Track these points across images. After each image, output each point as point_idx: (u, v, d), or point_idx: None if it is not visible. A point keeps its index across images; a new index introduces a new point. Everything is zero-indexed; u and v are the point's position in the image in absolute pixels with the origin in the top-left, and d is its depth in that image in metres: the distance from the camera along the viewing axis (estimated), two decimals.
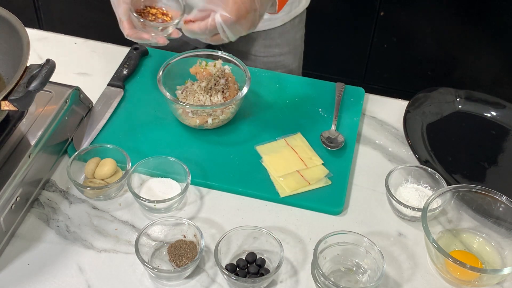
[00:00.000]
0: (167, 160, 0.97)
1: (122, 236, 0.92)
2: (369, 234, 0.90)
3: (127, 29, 0.98)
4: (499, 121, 1.13)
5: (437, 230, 0.93)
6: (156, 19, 0.98)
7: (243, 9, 0.89)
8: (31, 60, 0.88)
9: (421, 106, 1.13)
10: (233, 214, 0.96)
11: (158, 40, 0.99)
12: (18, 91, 0.83)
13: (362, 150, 1.08)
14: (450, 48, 2.12)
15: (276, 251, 0.87)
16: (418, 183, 1.00)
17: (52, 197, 0.97)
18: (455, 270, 0.86)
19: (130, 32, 0.98)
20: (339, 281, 0.86)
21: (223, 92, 1.07)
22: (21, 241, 0.90)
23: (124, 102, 1.13)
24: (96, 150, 1.00)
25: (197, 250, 0.87)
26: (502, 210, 0.91)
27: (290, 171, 1.01)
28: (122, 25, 0.98)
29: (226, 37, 0.93)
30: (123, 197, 0.98)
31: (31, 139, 0.94)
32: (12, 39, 0.91)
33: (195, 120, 1.05)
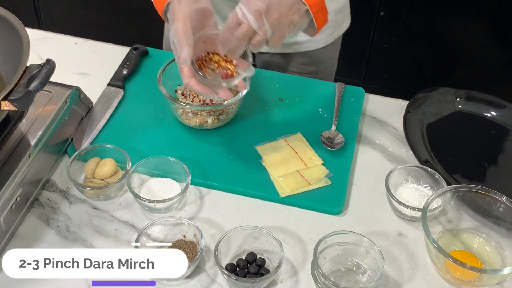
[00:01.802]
0: (167, 160, 0.98)
1: (122, 236, 0.92)
2: (369, 234, 0.90)
3: (187, 77, 0.89)
4: (499, 121, 1.13)
5: (437, 230, 0.93)
6: (218, 67, 0.92)
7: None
8: (31, 60, 0.88)
9: (421, 106, 1.13)
10: (233, 214, 0.96)
11: (221, 94, 0.91)
12: (18, 91, 0.83)
13: (362, 150, 1.08)
14: (450, 48, 2.12)
15: (276, 251, 0.87)
16: (418, 183, 1.00)
17: (52, 197, 0.97)
18: (455, 270, 0.86)
19: (191, 82, 0.89)
20: (339, 281, 0.86)
21: None
22: (21, 241, 0.90)
23: (124, 102, 1.13)
24: (96, 150, 1.00)
25: (197, 250, 0.87)
26: (502, 210, 0.91)
27: (290, 171, 1.01)
28: (182, 71, 0.89)
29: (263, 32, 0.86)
30: (123, 197, 0.98)
31: (31, 139, 0.94)
32: (12, 39, 0.91)
33: (195, 120, 1.05)
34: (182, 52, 0.88)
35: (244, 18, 0.86)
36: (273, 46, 0.90)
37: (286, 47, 1.22)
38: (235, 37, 0.88)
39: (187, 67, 0.88)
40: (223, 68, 0.92)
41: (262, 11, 0.86)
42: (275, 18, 0.87)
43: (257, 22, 0.86)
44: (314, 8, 0.90)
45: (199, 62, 0.92)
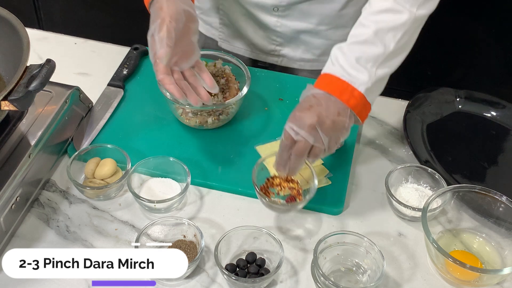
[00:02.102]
0: (167, 160, 0.97)
1: (122, 236, 0.92)
2: (369, 234, 0.90)
3: (161, 73, 0.89)
4: (499, 121, 1.13)
5: (437, 230, 0.93)
6: (282, 189, 0.92)
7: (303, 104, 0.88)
8: (31, 60, 0.88)
9: (421, 106, 1.13)
10: (233, 214, 0.96)
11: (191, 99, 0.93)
12: (18, 91, 0.83)
13: (362, 150, 1.08)
14: (450, 48, 2.12)
15: (276, 251, 0.87)
16: (418, 183, 1.00)
17: (52, 197, 0.97)
18: (455, 270, 0.86)
19: (165, 79, 0.90)
20: (339, 281, 0.86)
21: (223, 92, 1.07)
22: (21, 241, 0.90)
23: (124, 102, 1.13)
24: (96, 150, 1.00)
25: (197, 250, 0.87)
26: (502, 210, 0.91)
27: None
28: (157, 67, 0.89)
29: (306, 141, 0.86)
30: (123, 197, 0.98)
31: (31, 139, 0.94)
32: (12, 39, 0.91)
33: (195, 120, 1.05)
34: (161, 51, 0.88)
35: (299, 136, 0.87)
36: (331, 152, 0.91)
37: (292, 62, 1.23)
38: (294, 156, 0.88)
39: (162, 65, 0.89)
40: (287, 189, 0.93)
41: (315, 124, 0.86)
42: (328, 126, 0.87)
43: (313, 137, 0.87)
44: (357, 108, 0.90)
45: (263, 190, 0.92)
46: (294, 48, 1.21)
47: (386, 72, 0.92)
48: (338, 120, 0.88)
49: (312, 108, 0.87)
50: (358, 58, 0.89)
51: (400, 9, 0.89)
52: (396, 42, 0.90)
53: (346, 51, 0.90)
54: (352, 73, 0.89)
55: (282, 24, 1.16)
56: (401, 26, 0.90)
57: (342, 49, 0.91)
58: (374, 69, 0.90)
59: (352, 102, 0.89)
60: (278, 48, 1.21)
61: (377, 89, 0.93)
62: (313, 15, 1.14)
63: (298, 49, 1.21)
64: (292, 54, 1.22)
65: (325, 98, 0.89)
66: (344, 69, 0.89)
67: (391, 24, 0.89)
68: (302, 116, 0.87)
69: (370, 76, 0.89)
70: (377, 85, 0.91)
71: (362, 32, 0.90)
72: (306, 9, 1.13)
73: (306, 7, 1.12)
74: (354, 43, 0.91)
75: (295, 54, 1.22)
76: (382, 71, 0.91)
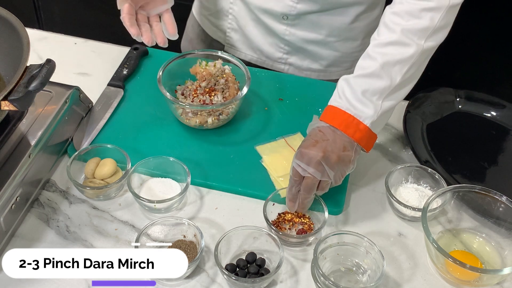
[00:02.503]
0: (167, 160, 0.97)
1: (122, 236, 0.92)
2: (369, 234, 0.90)
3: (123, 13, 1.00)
4: (499, 121, 1.13)
5: (437, 230, 0.93)
6: (294, 225, 0.93)
7: (309, 139, 0.90)
8: (31, 60, 0.88)
9: (421, 106, 1.13)
10: (233, 214, 0.96)
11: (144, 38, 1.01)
12: (18, 91, 0.83)
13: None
14: (450, 48, 2.12)
15: (276, 251, 0.87)
16: (418, 183, 1.00)
17: (52, 197, 0.97)
18: (455, 270, 0.86)
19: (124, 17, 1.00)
20: (339, 281, 0.86)
21: (223, 92, 1.07)
22: (21, 241, 0.90)
23: (124, 102, 1.13)
24: (96, 150, 1.00)
25: (197, 250, 0.87)
26: (502, 210, 0.91)
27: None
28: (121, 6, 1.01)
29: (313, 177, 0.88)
30: (123, 197, 0.98)
31: (31, 139, 0.94)
32: (12, 39, 0.91)
33: (195, 120, 1.05)
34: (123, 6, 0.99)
35: (306, 173, 0.88)
36: (337, 184, 0.92)
37: (299, 71, 1.24)
38: (303, 192, 0.90)
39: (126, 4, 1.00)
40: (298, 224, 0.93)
41: (321, 160, 0.87)
42: (334, 161, 0.89)
43: (320, 172, 0.88)
44: (363, 141, 0.91)
45: (275, 225, 0.92)
46: (301, 57, 1.21)
47: (392, 104, 0.92)
48: (344, 155, 0.89)
49: (318, 144, 0.88)
50: (364, 91, 0.89)
51: (407, 42, 0.89)
52: (402, 75, 0.90)
53: (352, 84, 0.91)
54: (358, 107, 0.90)
55: (291, 33, 1.16)
56: (408, 59, 0.90)
57: (348, 81, 0.91)
58: (380, 101, 0.90)
59: (358, 135, 0.90)
60: (286, 56, 1.21)
61: (383, 121, 0.94)
62: (323, 27, 1.13)
63: (306, 58, 1.21)
64: (299, 63, 1.22)
65: (331, 132, 0.90)
66: (350, 102, 0.90)
67: (398, 57, 0.89)
68: (308, 153, 0.88)
69: (375, 110, 0.90)
70: (383, 117, 0.92)
71: (369, 64, 0.90)
72: (316, 20, 1.13)
73: (316, 18, 1.12)
74: (361, 76, 0.91)
75: (302, 63, 1.22)
76: (388, 104, 0.91)
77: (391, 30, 0.90)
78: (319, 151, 0.88)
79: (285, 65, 1.23)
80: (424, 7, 0.89)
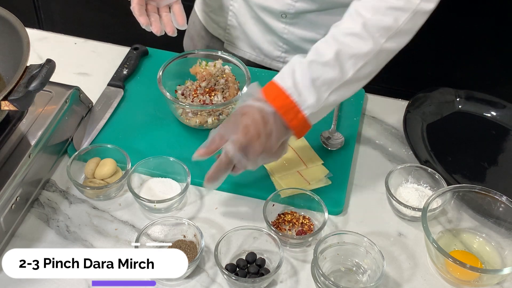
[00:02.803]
0: (167, 160, 0.97)
1: (122, 236, 0.92)
2: (369, 234, 0.90)
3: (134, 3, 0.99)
4: (499, 121, 1.13)
5: (437, 230, 0.93)
6: (294, 226, 0.93)
7: (254, 131, 0.86)
8: (31, 60, 0.88)
9: (421, 106, 1.13)
10: (233, 214, 0.96)
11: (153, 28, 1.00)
12: (18, 91, 0.84)
13: (362, 150, 1.08)
14: (450, 48, 2.12)
15: (276, 251, 0.87)
16: (418, 183, 1.00)
17: (52, 197, 0.97)
18: (455, 270, 0.86)
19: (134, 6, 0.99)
20: (339, 281, 0.86)
21: (223, 92, 1.07)
22: (21, 241, 0.90)
23: (124, 102, 1.13)
24: (96, 150, 1.00)
25: (197, 250, 0.87)
26: (502, 210, 0.91)
27: (290, 171, 1.01)
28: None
29: (243, 166, 0.88)
30: (123, 197, 0.98)
31: (31, 139, 0.94)
32: (12, 39, 0.91)
33: (195, 120, 1.05)
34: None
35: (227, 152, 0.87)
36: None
37: None
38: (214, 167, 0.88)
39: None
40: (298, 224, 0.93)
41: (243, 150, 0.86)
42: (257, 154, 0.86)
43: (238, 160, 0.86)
44: (297, 129, 0.89)
45: (275, 226, 0.92)
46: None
47: (337, 99, 0.90)
48: (270, 147, 0.87)
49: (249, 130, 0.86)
50: (315, 79, 0.87)
51: (366, 37, 0.87)
52: (355, 71, 0.88)
53: (304, 68, 0.88)
54: (303, 93, 0.87)
55: (289, 31, 1.16)
56: (364, 55, 0.87)
57: (302, 64, 0.88)
58: (327, 94, 0.88)
59: (294, 123, 0.88)
60: (284, 55, 1.21)
61: (322, 114, 0.91)
62: (321, 26, 1.13)
63: None
64: None
65: (269, 119, 0.87)
66: (297, 86, 0.87)
67: (355, 51, 0.87)
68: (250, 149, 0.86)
69: (318, 101, 0.87)
70: (323, 110, 0.90)
71: (325, 51, 0.87)
72: (315, 19, 1.13)
73: (315, 17, 1.12)
74: (314, 63, 0.88)
75: None
76: (333, 98, 0.89)
77: (354, 21, 0.88)
78: (260, 148, 0.86)
79: (284, 64, 1.22)
80: (391, 5, 0.87)
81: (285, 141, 0.91)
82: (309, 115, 0.88)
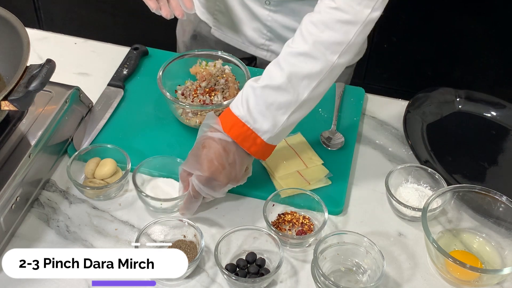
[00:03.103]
0: (173, 160, 0.97)
1: (122, 236, 0.92)
2: (369, 234, 0.90)
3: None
4: (499, 121, 1.13)
5: (437, 230, 0.93)
6: (294, 226, 0.93)
7: (217, 164, 0.87)
8: (31, 60, 0.88)
9: (421, 106, 1.13)
10: (233, 214, 0.96)
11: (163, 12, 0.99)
12: (18, 91, 0.84)
13: (362, 150, 1.08)
14: (450, 48, 2.12)
15: (276, 251, 0.87)
16: (418, 183, 1.00)
17: (52, 197, 0.97)
18: (455, 270, 0.86)
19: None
20: (339, 281, 0.86)
21: (223, 92, 1.07)
22: (21, 241, 0.90)
23: (124, 102, 1.13)
24: (96, 150, 1.00)
25: (197, 250, 0.87)
26: (502, 210, 0.91)
27: (290, 171, 1.01)
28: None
29: (211, 196, 0.91)
30: (123, 197, 0.98)
31: (31, 139, 0.94)
32: (12, 39, 0.91)
33: (195, 120, 1.05)
34: None
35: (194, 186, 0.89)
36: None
37: None
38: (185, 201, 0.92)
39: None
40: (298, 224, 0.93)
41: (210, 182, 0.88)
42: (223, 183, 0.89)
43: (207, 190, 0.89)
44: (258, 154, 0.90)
45: (275, 226, 0.93)
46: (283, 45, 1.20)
47: (297, 118, 0.90)
48: (234, 175, 0.89)
49: (224, 170, 0.88)
50: (269, 105, 0.87)
51: (317, 56, 0.86)
52: (310, 91, 0.87)
53: (258, 94, 0.87)
54: (258, 120, 0.87)
55: (273, 19, 1.16)
56: (316, 74, 0.86)
57: (255, 90, 0.88)
58: (285, 117, 0.88)
59: (254, 149, 0.89)
60: (268, 43, 1.21)
61: (284, 134, 0.91)
62: (304, 15, 1.13)
63: None
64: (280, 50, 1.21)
65: (229, 148, 0.88)
66: (251, 114, 0.87)
67: (306, 71, 0.86)
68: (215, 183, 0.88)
69: (276, 125, 0.87)
70: (284, 131, 0.90)
71: (277, 74, 0.87)
72: (298, 9, 1.13)
73: (298, 6, 1.12)
74: (268, 88, 0.87)
75: None
76: (293, 119, 0.89)
77: (304, 40, 0.87)
78: (225, 179, 0.88)
79: (268, 52, 1.23)
80: (339, 19, 0.85)
81: (248, 165, 0.92)
82: (267, 139, 0.89)
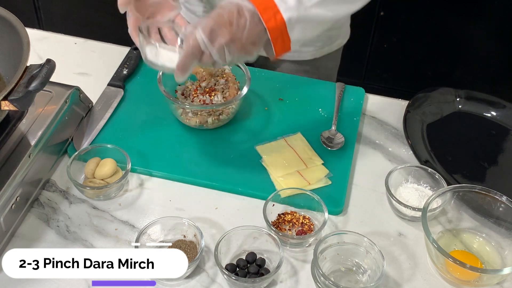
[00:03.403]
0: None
1: (122, 236, 0.92)
2: (369, 234, 0.90)
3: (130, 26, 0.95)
4: (499, 121, 1.13)
5: (437, 230, 0.93)
6: (294, 226, 0.93)
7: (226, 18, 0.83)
8: (31, 60, 0.88)
9: (421, 106, 1.13)
10: (233, 214, 0.96)
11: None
12: (18, 91, 0.84)
13: (362, 150, 1.08)
14: (450, 48, 2.12)
15: (276, 251, 0.87)
16: (418, 183, 1.00)
17: (52, 197, 0.97)
18: (455, 270, 0.86)
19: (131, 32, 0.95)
20: (339, 281, 0.86)
21: (223, 92, 1.07)
22: (21, 241, 0.90)
23: (124, 102, 1.13)
24: (96, 150, 1.00)
25: (197, 250, 0.87)
26: (502, 210, 0.91)
27: (290, 171, 1.01)
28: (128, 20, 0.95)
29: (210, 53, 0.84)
30: (123, 197, 0.98)
31: (31, 139, 0.94)
32: (12, 39, 0.91)
33: (195, 120, 1.05)
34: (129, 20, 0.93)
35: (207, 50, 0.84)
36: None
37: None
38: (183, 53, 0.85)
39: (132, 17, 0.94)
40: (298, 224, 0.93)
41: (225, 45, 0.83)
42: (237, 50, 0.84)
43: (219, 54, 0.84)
44: (274, 33, 0.85)
45: (275, 226, 0.93)
46: None
47: (320, 13, 0.86)
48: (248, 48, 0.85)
49: (231, 27, 0.82)
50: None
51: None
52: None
53: None
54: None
55: None
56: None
57: None
58: (309, 3, 0.85)
59: (272, 24, 0.84)
60: None
61: (303, 29, 0.87)
62: None
63: None
64: None
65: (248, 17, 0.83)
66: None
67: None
68: (218, 33, 0.83)
69: (300, 4, 0.84)
70: (304, 24, 0.86)
71: None
72: None
73: None
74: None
75: None
76: (316, 11, 0.85)
77: None
78: (228, 35, 0.82)
79: None
80: None
81: (259, 43, 0.87)
82: (287, 19, 0.84)
